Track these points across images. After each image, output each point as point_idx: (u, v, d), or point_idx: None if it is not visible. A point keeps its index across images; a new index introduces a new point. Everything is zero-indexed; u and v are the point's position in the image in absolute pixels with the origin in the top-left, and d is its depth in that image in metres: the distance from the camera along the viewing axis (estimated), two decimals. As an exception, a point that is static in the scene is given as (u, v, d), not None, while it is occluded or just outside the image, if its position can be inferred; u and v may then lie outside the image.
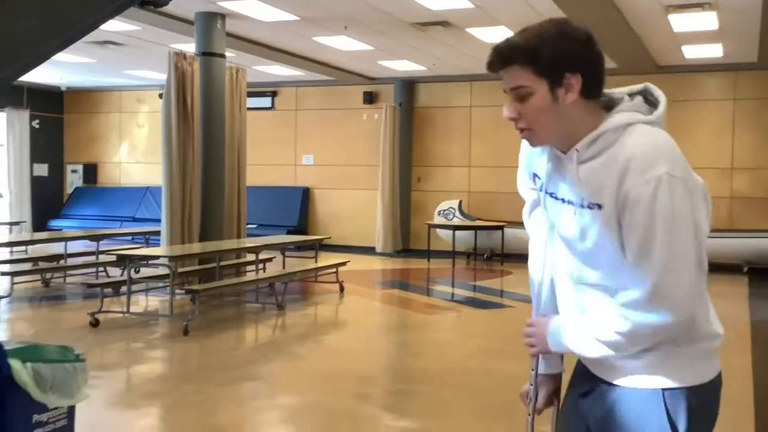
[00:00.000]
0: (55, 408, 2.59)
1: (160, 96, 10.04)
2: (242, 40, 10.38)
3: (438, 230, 12.72)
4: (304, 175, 14.55)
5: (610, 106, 1.61)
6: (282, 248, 9.50)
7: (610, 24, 8.97)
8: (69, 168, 16.46)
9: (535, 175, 1.75)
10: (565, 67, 1.53)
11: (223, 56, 9.18)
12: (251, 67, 11.49)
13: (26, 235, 12.49)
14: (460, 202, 12.92)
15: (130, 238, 11.74)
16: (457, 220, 12.61)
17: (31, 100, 15.28)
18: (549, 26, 1.56)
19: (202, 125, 8.91)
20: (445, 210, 12.93)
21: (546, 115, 1.56)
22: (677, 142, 1.55)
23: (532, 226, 1.85)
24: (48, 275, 9.16)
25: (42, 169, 15.82)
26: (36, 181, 15.37)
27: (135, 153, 16.01)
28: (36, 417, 2.53)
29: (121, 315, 7.16)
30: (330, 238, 11.15)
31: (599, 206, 1.53)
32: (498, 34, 9.75)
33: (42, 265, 9.29)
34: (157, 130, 12.10)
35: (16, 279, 8.37)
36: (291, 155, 14.62)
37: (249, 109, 10.23)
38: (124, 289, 7.44)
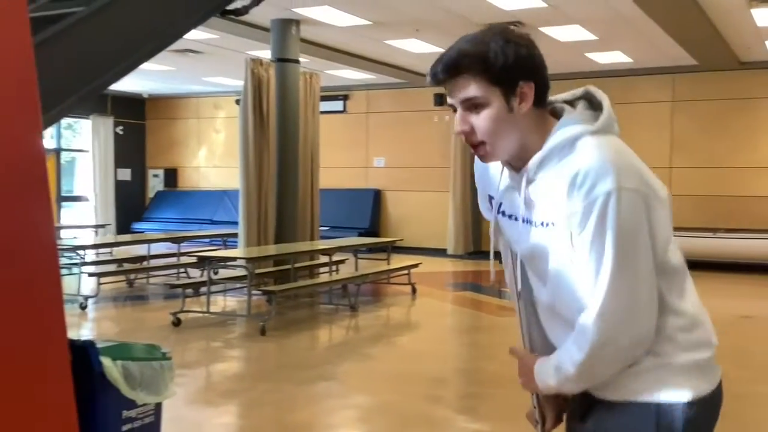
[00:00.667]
0: (144, 404, 2.70)
1: (237, 102, 10.31)
2: (315, 46, 10.55)
3: (510, 232, 12.58)
4: (376, 177, 14.66)
5: (554, 113, 1.54)
6: (355, 250, 9.60)
7: (690, 20, 8.71)
8: (151, 172, 17.07)
9: (490, 197, 1.68)
10: (518, 75, 1.45)
11: (297, 62, 9.36)
12: (323, 72, 11.67)
13: (111, 238, 13.01)
14: (533, 204, 12.75)
15: (208, 240, 12.09)
16: (530, 222, 12.45)
17: (115, 108, 15.93)
18: (493, 33, 1.47)
19: (278, 130, 9.11)
20: (517, 212, 12.78)
21: (502, 127, 1.47)
22: (759, 139, 1.49)
23: (503, 252, 1.76)
24: (132, 276, 9.54)
25: (125, 174, 16.47)
26: (120, 186, 16.01)
27: (213, 158, 16.47)
28: (125, 413, 2.64)
29: (201, 315, 7.39)
30: (402, 240, 11.20)
31: (552, 224, 1.47)
32: (572, 33, 9.60)
33: (126, 266, 9.69)
34: (234, 135, 12.41)
35: (102, 279, 8.74)
36: (362, 158, 14.76)
37: (321, 112, 10.39)
38: (203, 289, 7.68)
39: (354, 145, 14.72)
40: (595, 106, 1.54)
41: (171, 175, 16.87)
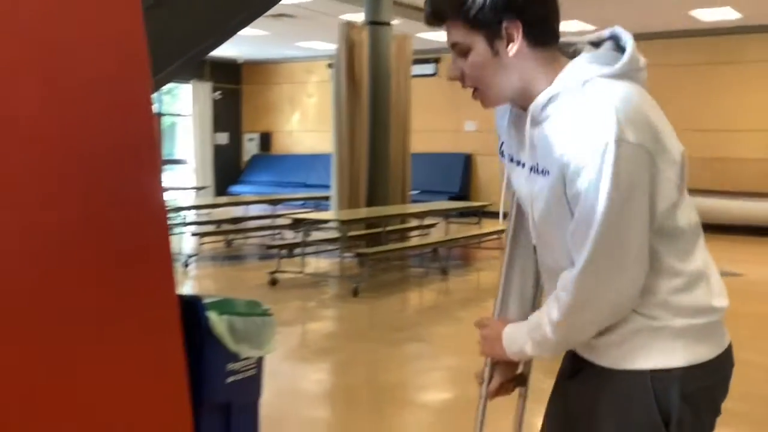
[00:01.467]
0: (246, 358, 2.82)
1: (329, 66, 10.41)
2: (408, 8, 10.47)
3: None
4: (466, 141, 14.53)
5: (576, 54, 1.40)
6: (445, 214, 9.60)
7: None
8: (246, 137, 17.51)
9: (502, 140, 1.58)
10: (500, 15, 1.33)
11: (389, 25, 9.34)
12: (415, 35, 11.58)
13: (210, 199, 13.49)
14: (630, 169, 12.37)
15: (301, 203, 12.35)
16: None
17: (213, 73, 16.37)
18: None
19: (370, 93, 9.15)
20: (613, 176, 12.42)
21: (488, 72, 1.38)
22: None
23: (510, 203, 1.68)
24: (230, 236, 9.89)
25: (223, 138, 16.97)
26: (217, 149, 16.52)
27: (305, 122, 16.73)
28: (229, 366, 2.76)
29: (295, 275, 7.60)
30: (492, 204, 11.10)
31: (548, 172, 1.36)
32: (676, -11, 9.15)
33: (225, 227, 10.05)
34: (325, 99, 12.54)
35: (202, 239, 9.11)
36: (453, 122, 14.64)
37: (413, 76, 10.34)
38: (297, 250, 7.89)
39: (445, 109, 14.61)
40: (623, 49, 1.39)
41: (266, 139, 17.25)
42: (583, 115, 1.29)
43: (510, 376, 1.68)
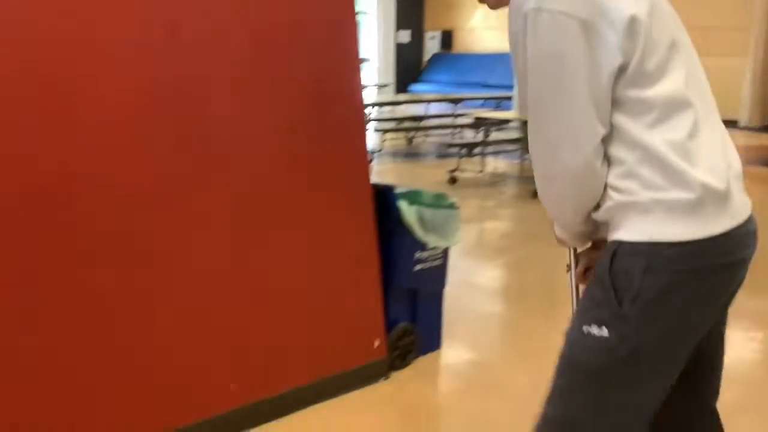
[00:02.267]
0: (433, 248, 2.96)
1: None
2: None
3: (820, 104, 11.06)
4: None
5: None
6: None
7: None
8: (427, 35, 17.44)
9: None
10: None
11: None
12: None
13: (392, 97, 13.75)
14: None
15: (481, 102, 12.25)
16: None
17: (396, -31, 16.31)
18: None
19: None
20: (832, 80, 11.13)
21: None
22: None
23: None
24: (411, 134, 10.09)
25: (405, 36, 17.03)
26: (399, 48, 16.62)
27: (488, 18, 16.31)
28: (417, 254, 2.93)
29: (474, 175, 7.67)
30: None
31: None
32: None
33: (406, 124, 10.25)
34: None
35: (384, 136, 9.37)
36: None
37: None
38: (477, 150, 7.92)
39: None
40: None
41: (447, 38, 17.09)
42: None
43: (592, 263, 1.66)
